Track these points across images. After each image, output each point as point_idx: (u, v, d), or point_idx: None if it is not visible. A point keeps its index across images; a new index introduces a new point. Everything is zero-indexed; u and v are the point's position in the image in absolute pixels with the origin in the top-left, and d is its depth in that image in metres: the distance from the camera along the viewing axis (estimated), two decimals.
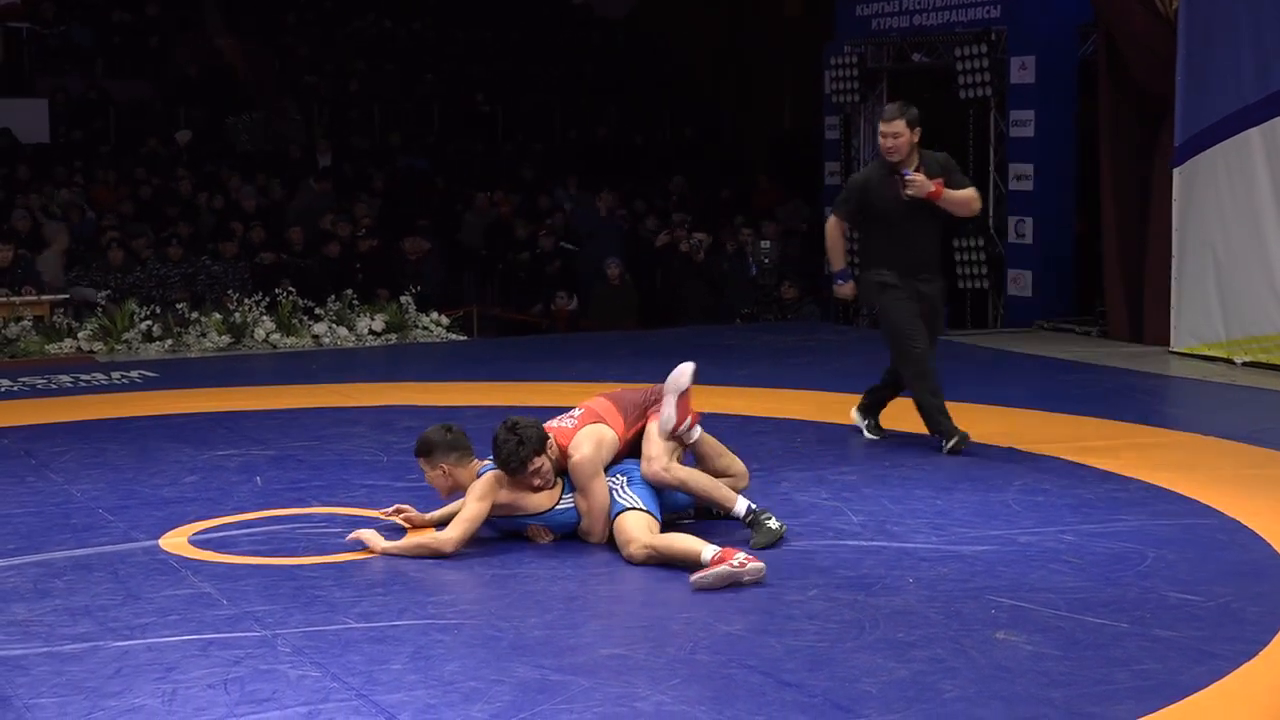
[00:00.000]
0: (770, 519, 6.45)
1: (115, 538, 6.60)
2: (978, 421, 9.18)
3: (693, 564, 5.87)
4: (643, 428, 6.65)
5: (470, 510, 6.29)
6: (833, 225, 8.62)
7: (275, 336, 13.69)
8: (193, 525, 6.79)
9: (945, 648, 5.07)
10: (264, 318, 13.82)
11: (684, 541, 6.07)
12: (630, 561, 6.12)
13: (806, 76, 18.83)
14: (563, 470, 6.47)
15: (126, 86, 22.08)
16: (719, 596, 5.65)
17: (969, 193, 8.46)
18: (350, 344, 13.74)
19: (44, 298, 14.06)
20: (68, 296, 14.31)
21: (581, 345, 13.61)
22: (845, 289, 8.68)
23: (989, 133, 15.06)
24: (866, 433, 8.83)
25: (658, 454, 6.50)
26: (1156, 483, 7.54)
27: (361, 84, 22.12)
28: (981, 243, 14.98)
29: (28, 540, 6.58)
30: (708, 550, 5.88)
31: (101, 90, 21.51)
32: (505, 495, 6.37)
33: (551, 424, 6.56)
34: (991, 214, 15.09)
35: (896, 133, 8.25)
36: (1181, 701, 4.61)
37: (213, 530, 6.73)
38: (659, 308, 16.30)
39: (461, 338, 14.61)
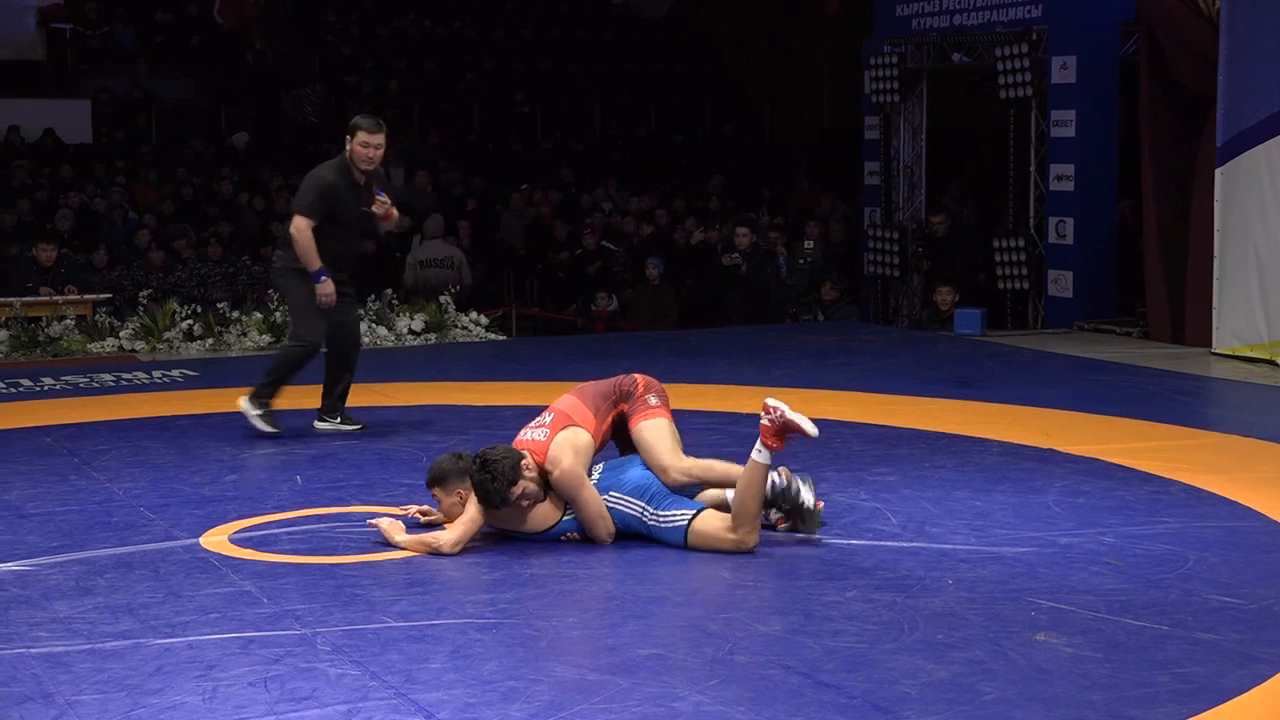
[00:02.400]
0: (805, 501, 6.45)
1: (156, 536, 6.63)
2: (1018, 422, 9.16)
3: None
4: (614, 419, 6.64)
5: (470, 513, 6.30)
6: (304, 223, 8.52)
7: None
8: (233, 524, 6.82)
9: (985, 649, 5.05)
10: None
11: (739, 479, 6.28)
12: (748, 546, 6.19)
13: (846, 76, 18.80)
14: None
15: (168, 86, 22.21)
16: (755, 597, 5.65)
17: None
18: (390, 343, 13.78)
19: (86, 297, 14.15)
20: (110, 296, 14.40)
21: (620, 345, 13.61)
22: (328, 287, 8.57)
23: (1029, 133, 15.00)
24: (344, 426, 8.95)
25: (668, 462, 6.46)
26: (1198, 485, 7.49)
27: (402, 83, 22.18)
28: (1022, 243, 14.93)
29: (70, 538, 6.62)
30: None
31: (144, 90, 21.64)
32: (503, 517, 6.37)
33: (524, 438, 6.47)
34: (1032, 214, 15.05)
35: (379, 144, 8.49)
36: (1223, 705, 4.58)
37: (253, 529, 6.76)
38: (698, 308, 16.29)
39: (500, 337, 14.63)
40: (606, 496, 6.40)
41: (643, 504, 6.37)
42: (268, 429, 8.70)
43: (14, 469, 8.13)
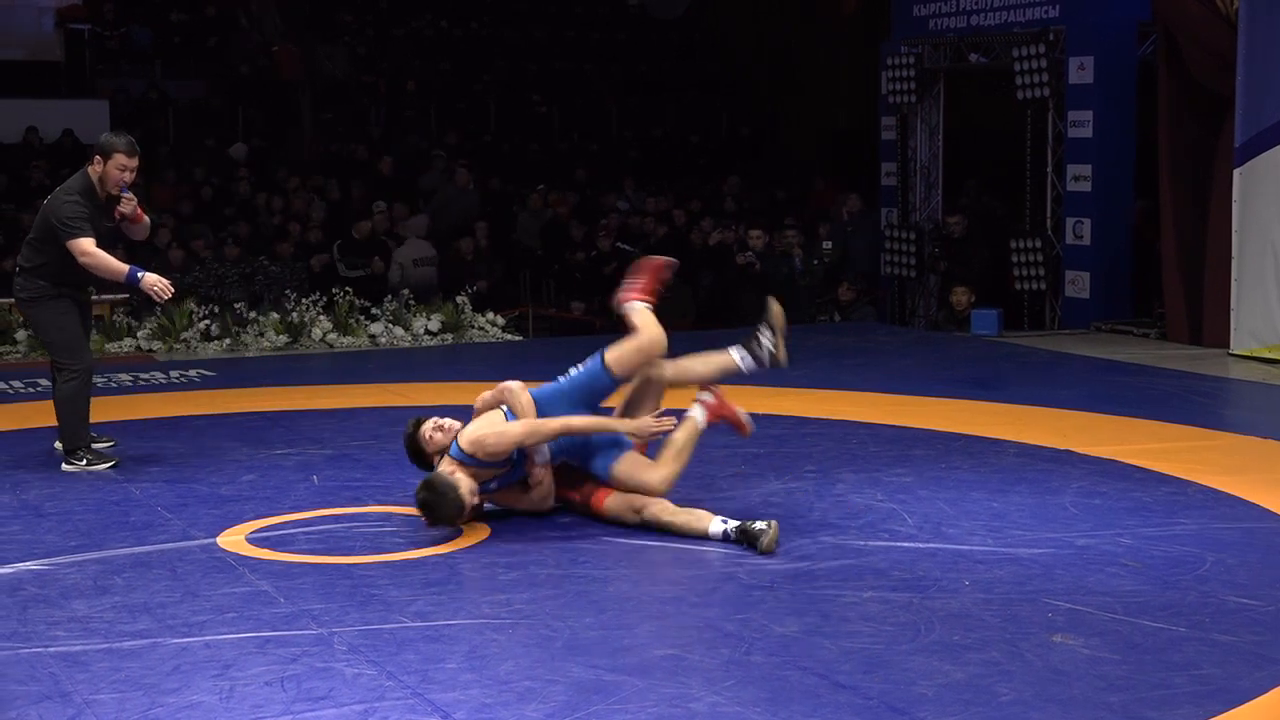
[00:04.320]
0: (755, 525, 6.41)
1: (174, 535, 6.65)
2: (1034, 423, 9.15)
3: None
4: None
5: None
6: (89, 245, 8.15)
7: (332, 336, 13.76)
8: (250, 523, 6.84)
9: (1001, 651, 5.05)
10: (321, 317, 13.90)
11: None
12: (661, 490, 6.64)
13: (863, 76, 18.78)
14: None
15: (185, 87, 22.24)
16: (772, 597, 5.64)
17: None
18: (406, 344, 13.80)
19: (104, 297, 14.18)
20: (129, 296, 14.43)
21: None
22: (151, 278, 8.27)
23: (1047, 133, 14.97)
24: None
25: (655, 484, 6.71)
26: (1215, 486, 7.48)
27: (418, 84, 22.20)
28: (1039, 244, 14.91)
29: (88, 538, 6.64)
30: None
31: (160, 91, 21.67)
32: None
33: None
34: (1049, 215, 15.02)
35: (134, 168, 8.32)
36: (1240, 707, 4.57)
37: (270, 529, 6.77)
38: (714, 308, 16.27)
39: (517, 338, 14.65)
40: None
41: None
42: (105, 466, 8.21)
43: (32, 468, 8.16)
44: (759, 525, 6.34)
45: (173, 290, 8.28)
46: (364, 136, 20.71)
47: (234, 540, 6.56)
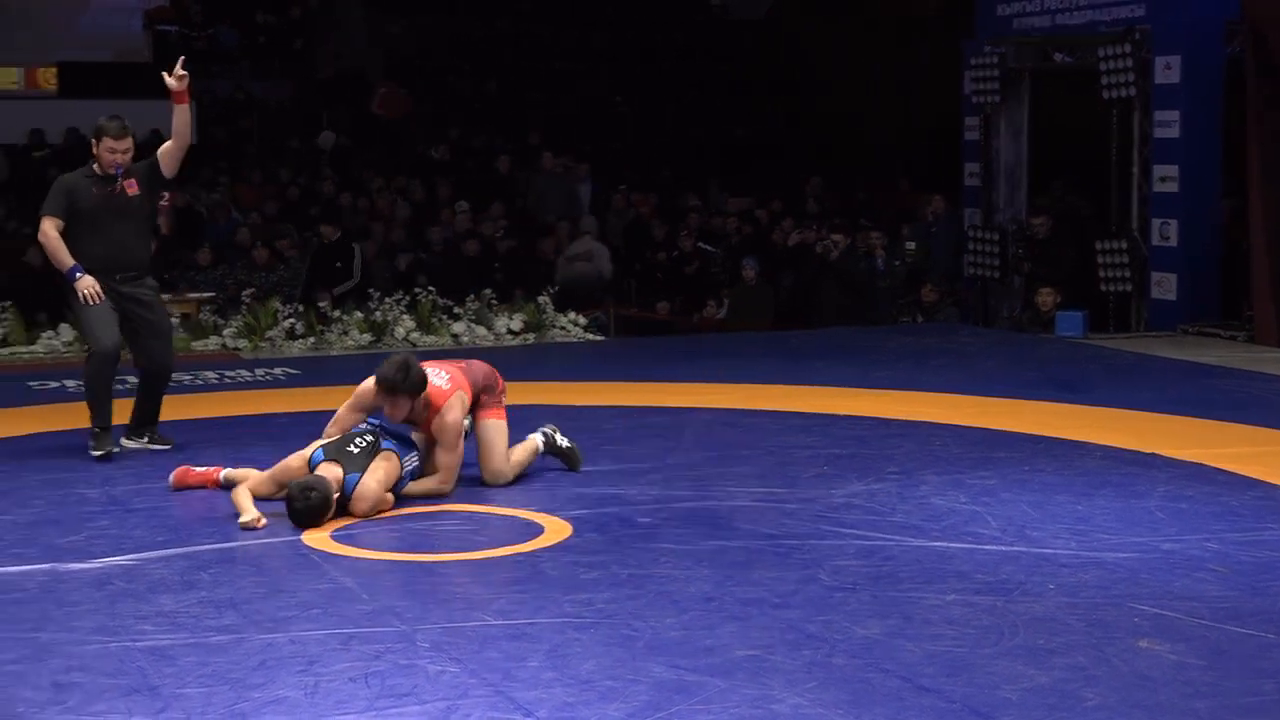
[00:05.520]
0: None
1: (259, 532, 6.71)
2: (1119, 426, 9.06)
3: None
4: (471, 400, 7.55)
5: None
6: (49, 226, 8.40)
7: (415, 335, 13.84)
8: (335, 521, 6.88)
9: (1086, 656, 5.01)
10: (404, 316, 13.98)
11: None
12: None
13: (945, 76, 18.67)
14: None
15: (270, 87, 22.46)
16: (854, 599, 5.62)
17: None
18: (489, 343, 13.85)
19: (190, 295, 14.34)
20: (214, 295, 14.58)
21: (717, 346, 13.61)
22: (86, 281, 8.38)
23: (1133, 134, 14.82)
24: (154, 445, 8.69)
25: (501, 468, 7.60)
26: None
27: (500, 84, 22.28)
28: (1124, 245, 14.77)
29: (175, 534, 6.71)
30: None
31: (245, 92, 21.88)
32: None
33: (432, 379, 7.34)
34: (1135, 216, 14.88)
35: (127, 149, 8.58)
36: None
37: (354, 526, 6.82)
38: (795, 309, 16.25)
39: (598, 338, 14.67)
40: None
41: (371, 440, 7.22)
42: (102, 451, 8.39)
43: (121, 463, 8.26)
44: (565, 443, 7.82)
45: (100, 298, 8.36)
46: (445, 137, 20.82)
47: (318, 537, 6.61)
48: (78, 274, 8.36)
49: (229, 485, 7.32)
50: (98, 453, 8.37)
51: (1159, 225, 14.67)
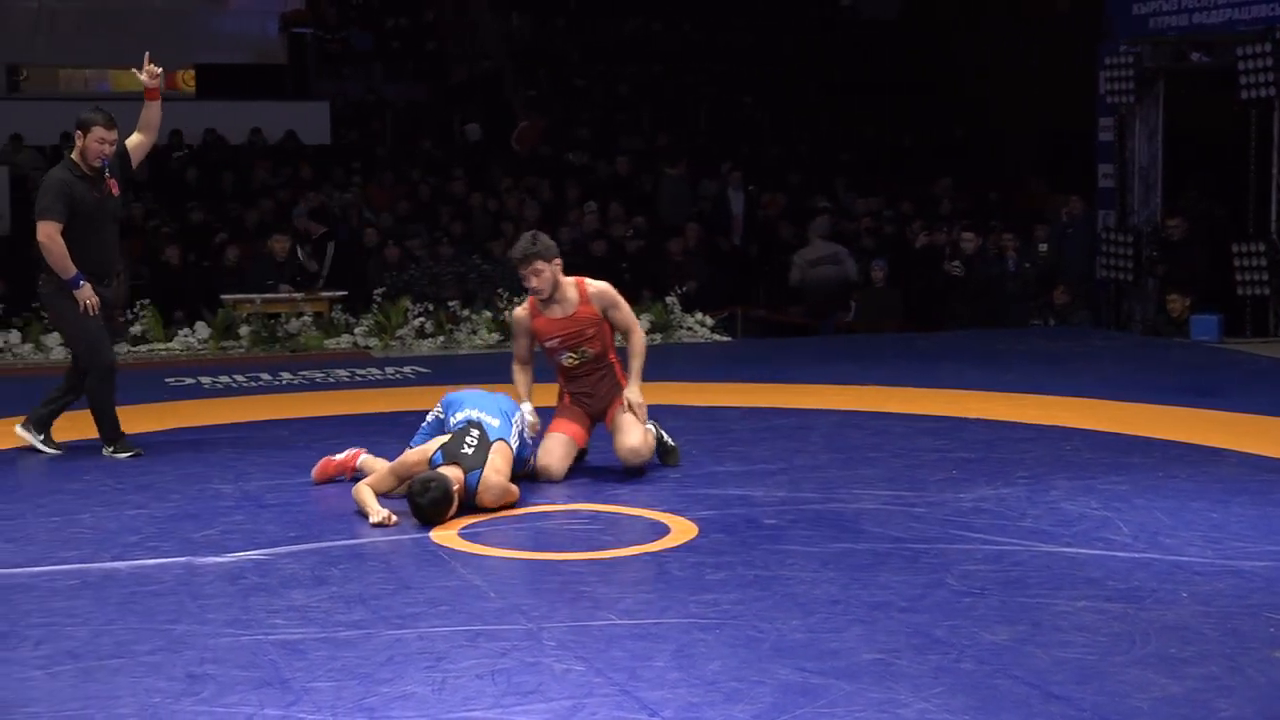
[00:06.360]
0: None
1: (388, 528, 6.78)
2: (1254, 432, 8.90)
3: None
4: None
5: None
6: (53, 230, 8.27)
7: None
8: (462, 519, 6.94)
9: (1220, 665, 4.91)
10: None
11: None
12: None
13: (1078, 76, 18.44)
14: None
15: (401, 89, 22.70)
16: (982, 604, 5.56)
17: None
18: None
19: (323, 294, 14.53)
20: (345, 294, 14.76)
21: (846, 348, 13.55)
22: (87, 290, 8.34)
23: (1271, 134, 14.54)
24: (44, 448, 8.62)
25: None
26: None
27: (630, 86, 22.34)
28: (1261, 248, 14.49)
29: (306, 529, 6.81)
30: None
31: (377, 93, 22.13)
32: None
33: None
34: (1274, 218, 14.59)
35: (114, 140, 8.35)
36: None
37: (481, 524, 6.87)
38: (924, 311, 16.13)
39: (726, 339, 14.66)
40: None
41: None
42: (128, 455, 8.50)
43: (254, 460, 8.40)
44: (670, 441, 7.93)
45: (97, 309, 8.40)
46: (575, 139, 20.91)
47: (446, 535, 6.67)
48: (80, 282, 8.36)
49: (360, 474, 7.44)
50: (124, 455, 8.45)
51: None
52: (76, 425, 9.14)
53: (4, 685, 4.78)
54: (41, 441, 8.67)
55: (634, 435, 7.82)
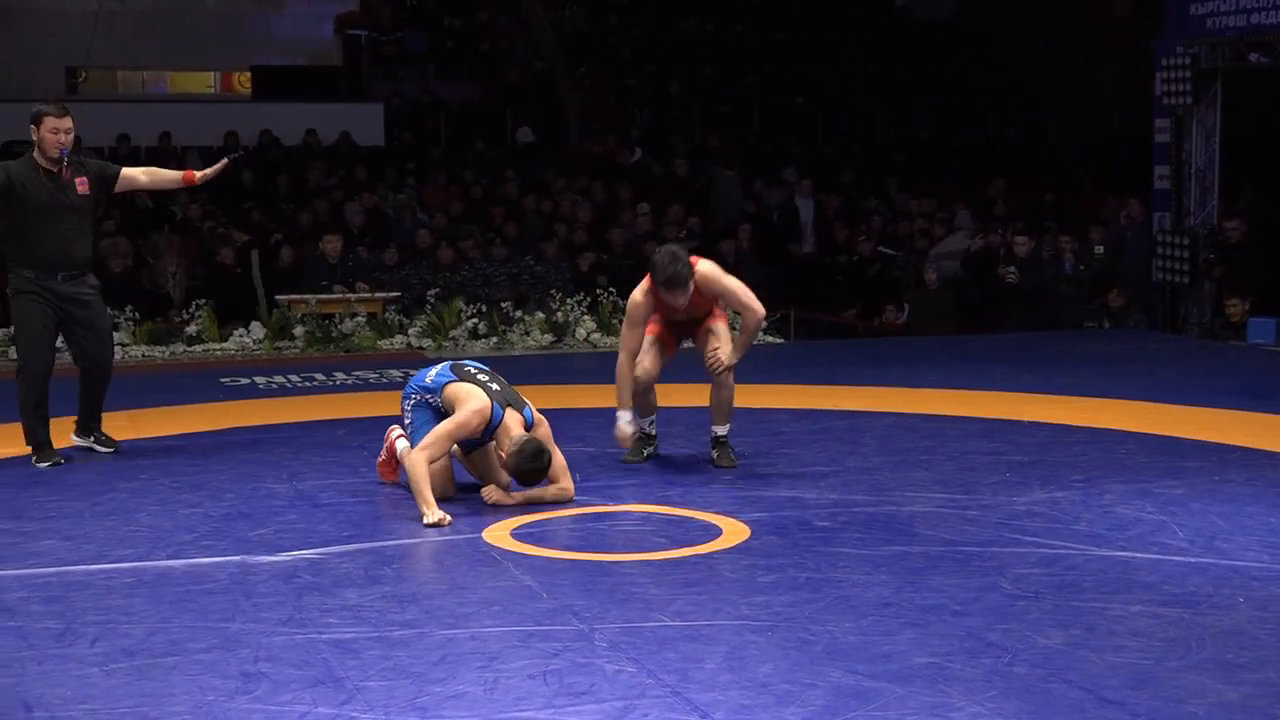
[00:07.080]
0: None
1: (441, 529, 6.80)
2: None
3: None
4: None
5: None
6: None
7: (596, 336, 13.94)
8: (514, 519, 6.96)
9: (1277, 671, 4.87)
10: (585, 317, 14.08)
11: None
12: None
13: (1134, 77, 18.32)
14: None
15: (455, 90, 22.76)
16: (1036, 608, 5.54)
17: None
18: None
19: (376, 295, 14.59)
20: (399, 294, 14.82)
21: (899, 350, 13.51)
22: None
23: None
24: (99, 448, 8.63)
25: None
26: None
27: (682, 86, 22.33)
28: None
29: (359, 529, 6.84)
30: None
31: (431, 94, 22.19)
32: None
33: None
34: None
35: (69, 128, 8.26)
36: None
37: (533, 525, 6.89)
38: (978, 313, 16.06)
39: (778, 340, 14.64)
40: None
41: None
42: (48, 464, 8.34)
43: (309, 460, 8.44)
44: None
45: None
46: (627, 139, 20.93)
47: (499, 535, 6.69)
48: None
49: (395, 455, 7.65)
50: (44, 464, 8.33)
51: None
52: (136, 425, 9.21)
53: (61, 682, 4.83)
54: (93, 442, 8.73)
55: (726, 346, 8.11)
